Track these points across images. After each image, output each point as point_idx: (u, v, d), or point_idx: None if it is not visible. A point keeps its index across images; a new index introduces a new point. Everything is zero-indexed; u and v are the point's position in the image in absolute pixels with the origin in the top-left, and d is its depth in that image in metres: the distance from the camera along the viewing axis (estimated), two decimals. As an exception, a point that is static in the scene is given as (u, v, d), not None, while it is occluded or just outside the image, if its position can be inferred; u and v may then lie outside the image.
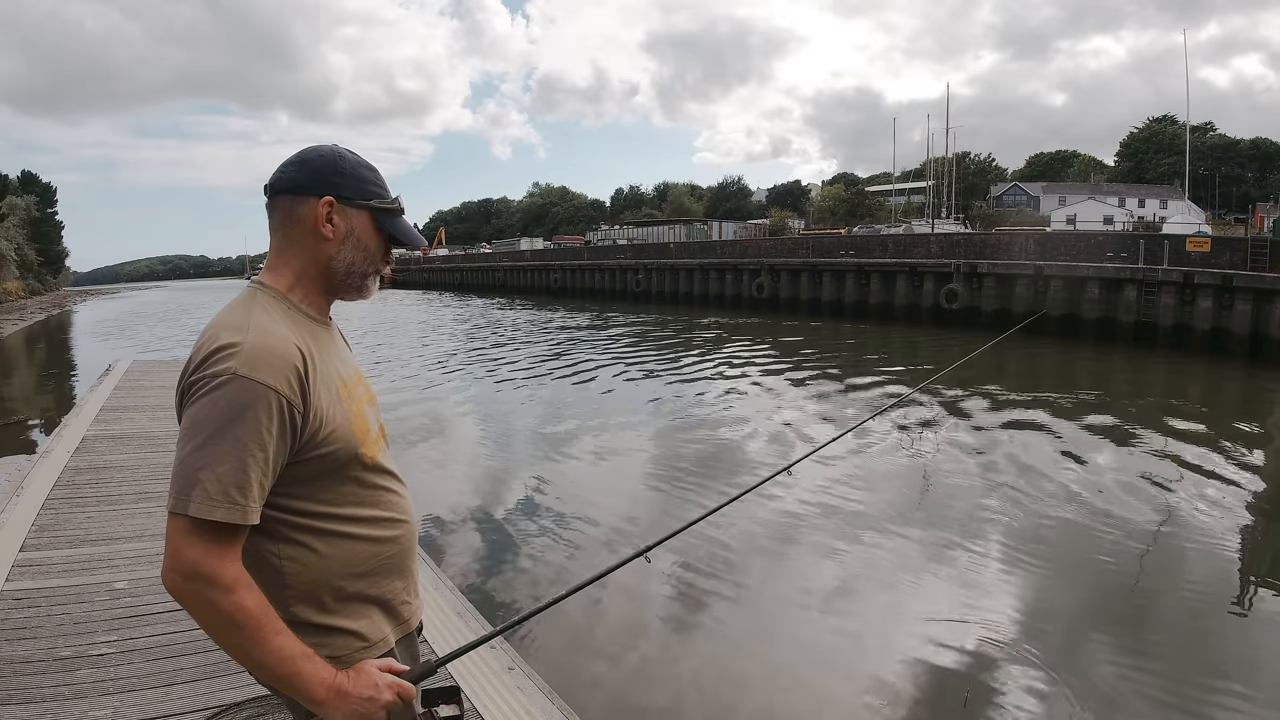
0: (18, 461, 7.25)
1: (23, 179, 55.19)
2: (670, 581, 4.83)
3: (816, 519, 6.01)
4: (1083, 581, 5.02)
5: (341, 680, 1.06)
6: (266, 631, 1.01)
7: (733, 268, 28.97)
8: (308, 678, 1.03)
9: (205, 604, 0.99)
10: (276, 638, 1.02)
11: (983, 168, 62.81)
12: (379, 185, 1.21)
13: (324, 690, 1.04)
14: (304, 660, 1.04)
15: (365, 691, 1.07)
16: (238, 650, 1.02)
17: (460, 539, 5.77)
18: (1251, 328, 15.01)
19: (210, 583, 0.98)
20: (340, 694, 1.05)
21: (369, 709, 1.07)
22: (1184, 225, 28.09)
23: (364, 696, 1.07)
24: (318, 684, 1.04)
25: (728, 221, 57.27)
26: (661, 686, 3.75)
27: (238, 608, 0.99)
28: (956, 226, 39.08)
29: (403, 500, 1.24)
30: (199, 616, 1.01)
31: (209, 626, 1.02)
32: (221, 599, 0.99)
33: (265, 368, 1.02)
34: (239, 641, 1.01)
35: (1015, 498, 6.59)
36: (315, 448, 1.09)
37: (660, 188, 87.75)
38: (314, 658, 1.05)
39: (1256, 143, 60.69)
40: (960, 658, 3.96)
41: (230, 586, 0.99)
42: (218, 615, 0.99)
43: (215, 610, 0.99)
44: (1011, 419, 9.88)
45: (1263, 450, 8.60)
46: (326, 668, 1.06)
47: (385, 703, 1.09)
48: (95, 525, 3.96)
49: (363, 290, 1.23)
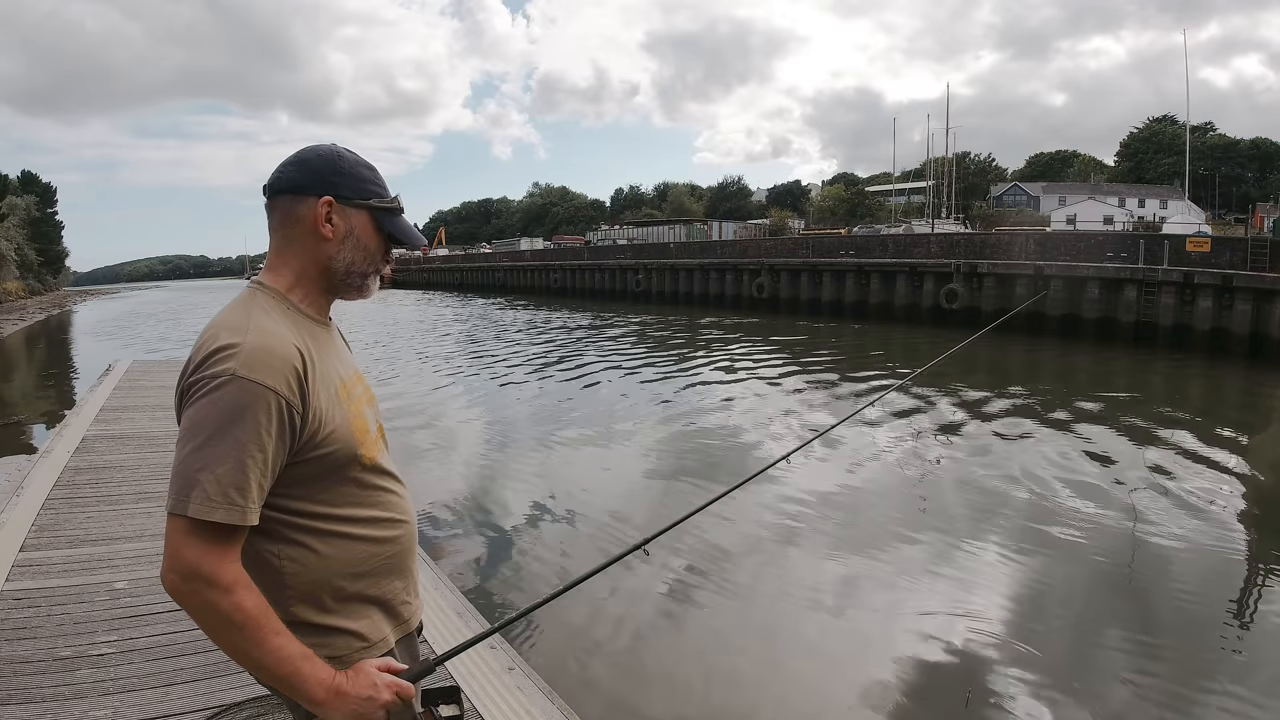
0: (18, 461, 7.25)
1: (23, 179, 55.15)
2: (670, 581, 4.83)
3: (816, 519, 6.02)
4: (1083, 581, 5.02)
5: (340, 680, 1.06)
6: (266, 632, 1.01)
7: (733, 268, 28.96)
8: (306, 678, 1.03)
9: (204, 605, 0.99)
10: (275, 638, 1.02)
11: (983, 168, 62.79)
12: (378, 185, 1.21)
13: (323, 690, 1.04)
14: (303, 660, 1.04)
15: (364, 691, 1.07)
16: (237, 651, 1.02)
17: (460, 538, 5.77)
18: (1251, 328, 15.01)
19: (209, 583, 0.98)
20: (339, 694, 1.05)
21: (368, 709, 1.07)
22: (1184, 225, 28.10)
23: (363, 696, 1.07)
24: (316, 684, 1.04)
25: (728, 221, 57.23)
26: (661, 686, 3.76)
27: (236, 608, 0.99)
28: (956, 226, 39.09)
29: (402, 500, 1.25)
30: (198, 617, 1.01)
31: (208, 627, 1.02)
32: (221, 599, 0.99)
33: (264, 368, 1.02)
34: (238, 642, 1.01)
35: (1015, 497, 6.59)
36: (315, 448, 1.09)
37: (660, 188, 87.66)
38: (313, 658, 1.05)
39: (1256, 143, 60.68)
40: (961, 657, 3.96)
41: (229, 587, 0.99)
42: (217, 616, 1.00)
43: (214, 611, 0.99)
44: (1011, 419, 9.89)
45: (1263, 450, 8.61)
46: (325, 668, 1.06)
47: (384, 702, 1.09)
48: (95, 525, 3.96)
49: (363, 290, 1.23)
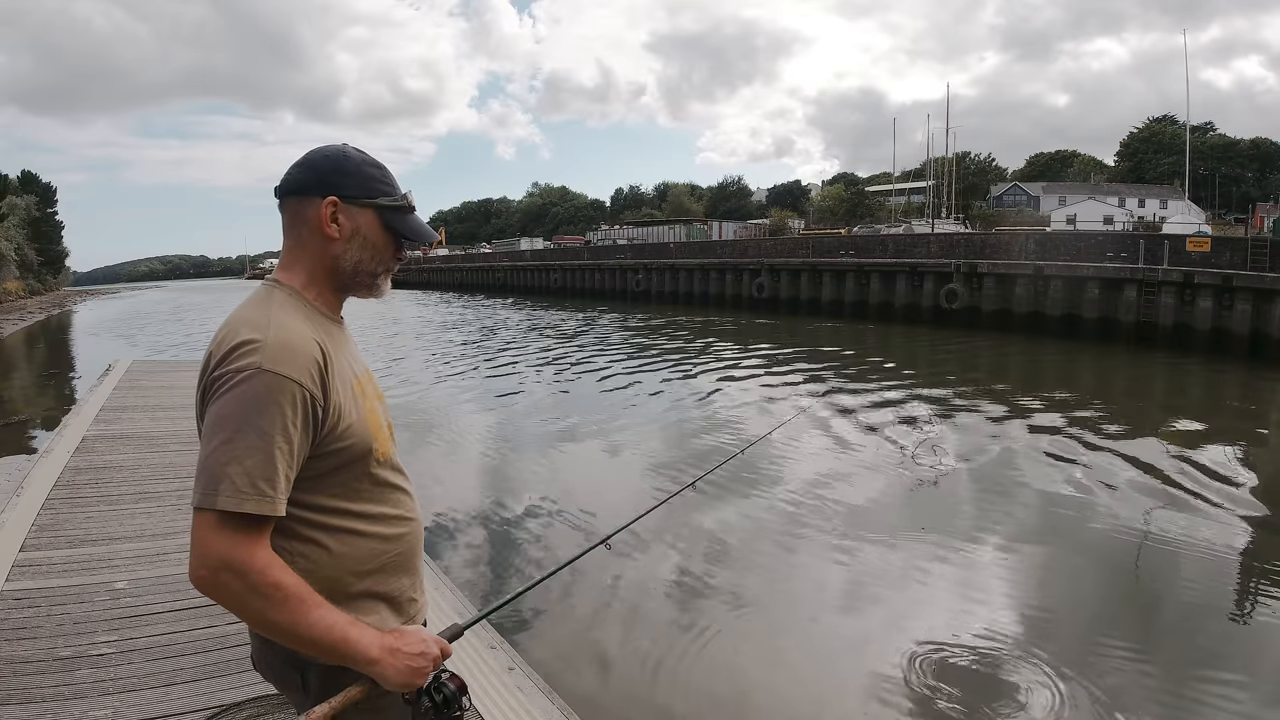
0: (18, 461, 7.24)
1: (22, 179, 54.98)
2: (671, 582, 4.83)
3: (817, 520, 6.01)
4: (1084, 582, 5.02)
5: (391, 639, 1.10)
6: (309, 606, 1.03)
7: (733, 268, 28.96)
8: (356, 641, 1.06)
9: (240, 593, 1.00)
10: (318, 610, 1.04)
11: (983, 168, 62.76)
12: (386, 183, 1.22)
13: (376, 649, 1.08)
14: (350, 626, 1.07)
15: (416, 647, 1.11)
16: (282, 630, 1.03)
17: (460, 538, 5.76)
18: (1251, 328, 15.03)
19: (242, 573, 0.99)
20: (393, 651, 1.09)
21: (420, 664, 1.11)
22: (1184, 225, 28.16)
23: (415, 652, 1.11)
24: (369, 645, 1.07)
25: (728, 221, 57.24)
26: (662, 685, 3.75)
27: (276, 587, 1.01)
28: (956, 226, 39.10)
29: (410, 498, 1.27)
30: (236, 608, 1.02)
31: (249, 614, 1.03)
32: (257, 583, 1.00)
33: (288, 362, 1.04)
34: (283, 621, 1.02)
35: (1015, 497, 6.59)
36: (333, 442, 1.11)
37: (660, 188, 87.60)
38: (358, 623, 1.09)
39: (1256, 143, 60.65)
40: (962, 656, 3.95)
41: (263, 570, 1.00)
42: (256, 600, 1.01)
43: (252, 596, 1.00)
44: (1011, 419, 9.89)
45: (1263, 450, 8.60)
46: (373, 630, 1.10)
47: (434, 657, 1.13)
48: (95, 525, 3.95)
49: (373, 289, 1.26)
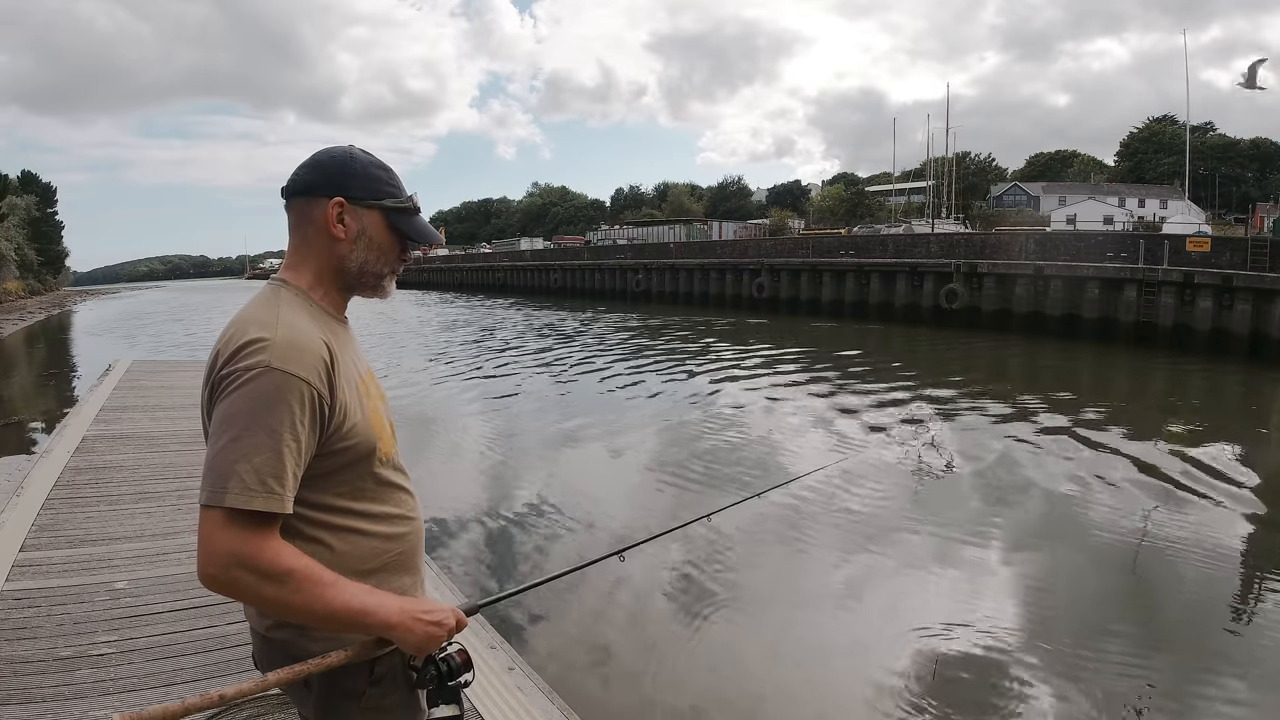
0: (18, 461, 7.24)
1: (23, 179, 54.93)
2: (672, 582, 4.83)
3: (818, 521, 6.01)
4: (1085, 582, 5.02)
5: (410, 605, 1.13)
6: (324, 584, 1.04)
7: (733, 268, 28.97)
8: (376, 609, 1.08)
9: (254, 585, 1.01)
10: (333, 588, 1.05)
11: (982, 167, 62.76)
12: (392, 184, 1.23)
13: (397, 614, 1.10)
14: (368, 595, 1.09)
15: (436, 615, 1.14)
16: (304, 612, 1.05)
17: (461, 537, 5.76)
18: (1251, 328, 15.03)
19: (251, 566, 1.00)
20: (413, 616, 1.11)
21: (437, 631, 1.13)
22: (1184, 225, 28.13)
23: (434, 620, 1.13)
24: (389, 611, 1.09)
25: (728, 221, 57.24)
26: (662, 686, 3.75)
27: (288, 573, 1.01)
28: (956, 226, 39.09)
29: (412, 498, 1.27)
30: (254, 600, 1.04)
31: (266, 604, 1.04)
32: (269, 572, 1.01)
33: (296, 361, 1.05)
34: (301, 603, 1.03)
35: (1015, 497, 6.60)
36: (339, 441, 1.12)
37: (660, 188, 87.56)
38: (376, 590, 1.11)
39: (1256, 143, 60.58)
40: (964, 656, 3.96)
41: (272, 559, 1.01)
42: (270, 589, 1.02)
43: (266, 586, 1.01)
44: (1011, 419, 9.89)
45: (1263, 450, 8.60)
46: (392, 595, 1.13)
47: (450, 626, 1.16)
48: (95, 525, 3.95)
49: (379, 289, 1.27)
